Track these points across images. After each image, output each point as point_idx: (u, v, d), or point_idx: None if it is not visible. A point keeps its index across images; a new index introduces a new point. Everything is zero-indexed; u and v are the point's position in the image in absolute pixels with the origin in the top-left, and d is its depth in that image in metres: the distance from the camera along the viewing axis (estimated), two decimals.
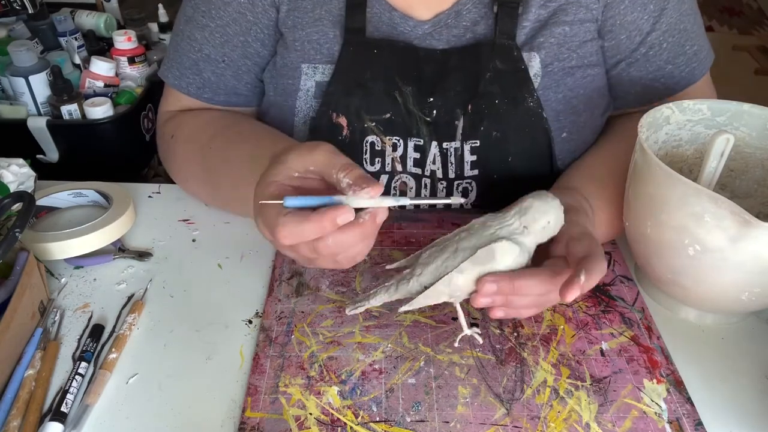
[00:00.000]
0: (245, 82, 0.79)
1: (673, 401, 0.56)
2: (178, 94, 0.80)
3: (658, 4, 0.73)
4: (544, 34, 0.72)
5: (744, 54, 2.74)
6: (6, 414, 0.53)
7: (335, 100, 0.73)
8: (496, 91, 0.71)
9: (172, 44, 0.79)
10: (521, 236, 0.56)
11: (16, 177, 0.72)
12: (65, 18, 1.37)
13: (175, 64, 0.78)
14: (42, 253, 0.66)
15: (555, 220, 0.56)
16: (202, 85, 0.78)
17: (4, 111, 1.19)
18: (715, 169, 0.63)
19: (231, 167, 0.69)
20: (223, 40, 0.75)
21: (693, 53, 0.77)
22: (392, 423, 0.53)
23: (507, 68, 0.71)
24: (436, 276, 0.56)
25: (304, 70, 0.74)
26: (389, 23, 0.73)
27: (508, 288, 0.54)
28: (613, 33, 0.74)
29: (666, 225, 0.58)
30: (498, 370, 0.58)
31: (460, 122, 0.72)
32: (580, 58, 0.73)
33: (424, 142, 0.73)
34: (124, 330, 0.61)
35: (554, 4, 0.72)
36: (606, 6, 0.73)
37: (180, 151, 0.77)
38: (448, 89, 0.72)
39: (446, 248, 0.57)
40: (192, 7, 0.76)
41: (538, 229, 0.56)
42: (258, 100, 0.81)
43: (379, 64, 0.72)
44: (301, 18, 0.73)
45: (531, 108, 0.72)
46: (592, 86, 0.75)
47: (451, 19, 0.73)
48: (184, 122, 0.78)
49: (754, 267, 0.55)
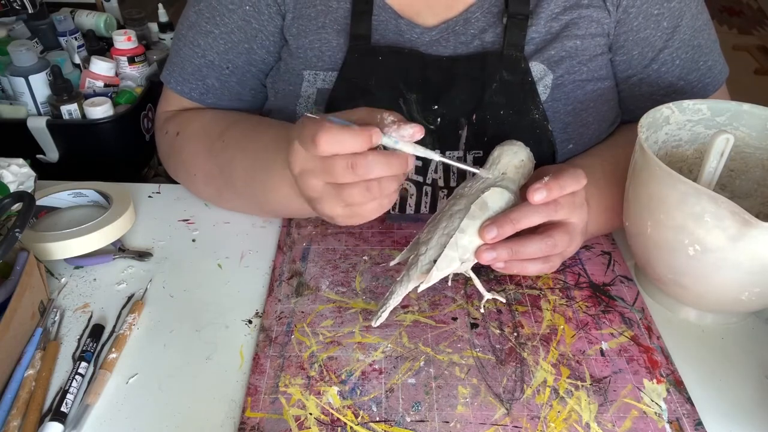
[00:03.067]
0: (249, 88, 0.79)
1: (673, 401, 0.56)
2: (179, 97, 0.79)
3: (672, 21, 0.73)
4: (556, 47, 0.71)
5: (744, 54, 2.74)
6: (6, 414, 0.53)
7: (338, 106, 0.71)
8: (501, 101, 0.71)
9: (174, 48, 0.78)
10: (503, 182, 0.60)
11: (16, 177, 0.72)
12: (65, 18, 1.37)
13: (178, 68, 0.78)
14: (42, 253, 0.66)
15: (527, 156, 0.61)
16: (206, 91, 0.78)
17: (4, 111, 1.19)
18: (715, 169, 0.63)
19: (247, 156, 0.69)
20: (228, 47, 0.75)
21: (707, 68, 0.76)
22: (392, 423, 0.53)
23: (514, 80, 0.71)
24: (441, 246, 0.58)
25: (306, 76, 0.74)
26: (395, 30, 0.73)
27: (507, 224, 0.56)
28: (625, 48, 0.74)
29: (666, 225, 0.58)
30: (498, 370, 0.58)
31: (464, 131, 0.72)
32: (590, 71, 0.73)
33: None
34: (124, 330, 0.61)
35: (566, 18, 0.71)
36: (618, 22, 0.72)
37: (188, 148, 0.76)
38: (453, 97, 0.72)
39: (441, 219, 0.60)
40: (196, 13, 0.75)
41: (514, 170, 0.60)
42: (261, 104, 0.81)
43: (383, 71, 0.72)
44: (305, 26, 0.73)
45: (536, 120, 0.71)
46: (602, 99, 0.75)
47: (460, 26, 0.72)
48: (190, 119, 0.78)
49: (754, 267, 0.55)
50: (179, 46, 0.77)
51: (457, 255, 0.57)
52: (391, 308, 0.59)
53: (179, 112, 0.80)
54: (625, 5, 0.72)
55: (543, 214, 0.58)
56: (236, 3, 0.73)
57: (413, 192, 0.75)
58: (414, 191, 0.75)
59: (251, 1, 0.73)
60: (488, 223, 0.57)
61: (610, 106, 0.77)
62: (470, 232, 0.57)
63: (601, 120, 0.76)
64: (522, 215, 0.57)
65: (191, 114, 0.79)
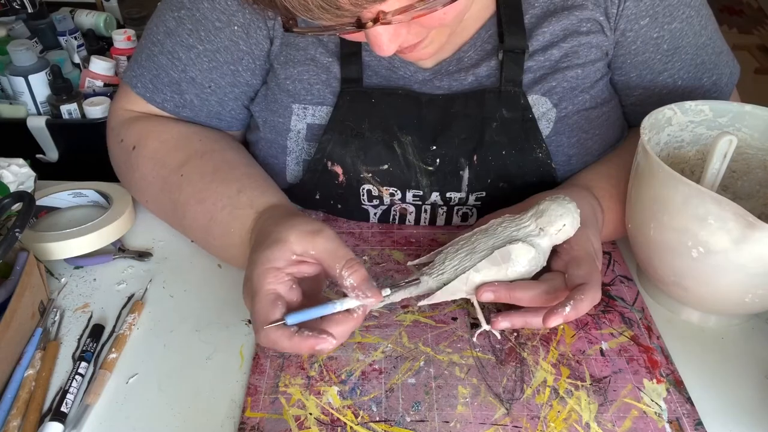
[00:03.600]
0: (230, 109, 0.74)
1: (672, 401, 0.56)
2: (146, 102, 0.74)
3: (672, 42, 0.70)
4: (557, 78, 0.69)
5: (744, 53, 2.74)
6: (6, 414, 0.53)
7: (330, 149, 0.70)
8: (503, 141, 0.69)
9: (145, 52, 0.72)
10: (537, 238, 0.58)
11: (16, 177, 0.72)
12: (65, 17, 1.37)
13: (149, 75, 0.72)
14: (42, 253, 0.66)
15: (571, 223, 0.58)
16: (182, 105, 0.73)
17: (4, 111, 1.19)
18: (718, 170, 0.63)
19: (205, 209, 0.65)
20: (212, 66, 0.71)
21: (711, 84, 0.74)
22: (392, 423, 0.53)
23: (514, 117, 0.69)
24: (455, 274, 0.58)
25: (295, 110, 0.71)
26: (389, 67, 0.70)
27: (504, 297, 0.58)
28: (623, 70, 0.72)
29: (669, 227, 0.58)
30: (498, 370, 0.58)
31: (465, 173, 0.70)
32: (593, 98, 0.71)
33: (424, 194, 0.71)
34: (124, 330, 0.61)
35: (566, 46, 0.68)
36: (617, 43, 0.70)
37: (141, 170, 0.71)
38: (452, 137, 0.69)
39: (464, 248, 0.60)
40: (175, 20, 0.70)
41: (553, 232, 0.58)
42: (240, 125, 0.77)
43: (377, 114, 0.69)
44: (294, 55, 0.70)
45: (539, 159, 0.70)
46: (607, 124, 0.73)
47: (453, 65, 0.70)
48: (150, 133, 0.72)
49: (758, 269, 0.55)
50: (153, 51, 0.71)
51: (465, 289, 0.59)
52: (388, 302, 0.59)
53: (139, 116, 0.75)
54: (623, 28, 0.69)
55: (540, 304, 0.58)
56: (224, 21, 0.69)
57: (412, 210, 0.74)
58: (413, 209, 0.74)
59: (240, 22, 0.69)
60: (491, 288, 0.57)
61: (615, 127, 0.75)
62: (483, 273, 0.58)
63: (606, 144, 0.74)
64: (526, 302, 0.58)
65: (152, 125, 0.73)
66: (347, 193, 0.72)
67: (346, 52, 0.69)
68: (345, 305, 0.53)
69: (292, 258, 0.53)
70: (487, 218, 0.65)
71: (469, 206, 0.73)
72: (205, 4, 0.69)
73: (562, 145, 0.71)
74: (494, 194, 0.71)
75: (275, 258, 0.52)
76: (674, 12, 0.69)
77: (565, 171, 0.72)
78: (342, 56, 0.69)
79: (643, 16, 0.68)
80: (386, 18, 0.49)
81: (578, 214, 0.58)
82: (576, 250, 0.59)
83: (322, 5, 0.47)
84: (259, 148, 0.76)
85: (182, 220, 0.68)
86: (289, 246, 0.53)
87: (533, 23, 0.69)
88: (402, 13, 0.49)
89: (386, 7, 0.49)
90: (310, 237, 0.53)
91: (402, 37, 0.54)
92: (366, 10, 0.49)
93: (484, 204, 0.72)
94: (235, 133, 0.78)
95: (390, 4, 0.49)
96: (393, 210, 0.74)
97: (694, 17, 0.70)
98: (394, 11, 0.49)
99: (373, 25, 0.50)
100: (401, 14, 0.49)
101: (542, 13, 0.69)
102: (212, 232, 0.65)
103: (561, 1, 0.68)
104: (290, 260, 0.53)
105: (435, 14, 0.52)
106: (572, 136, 0.71)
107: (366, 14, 0.49)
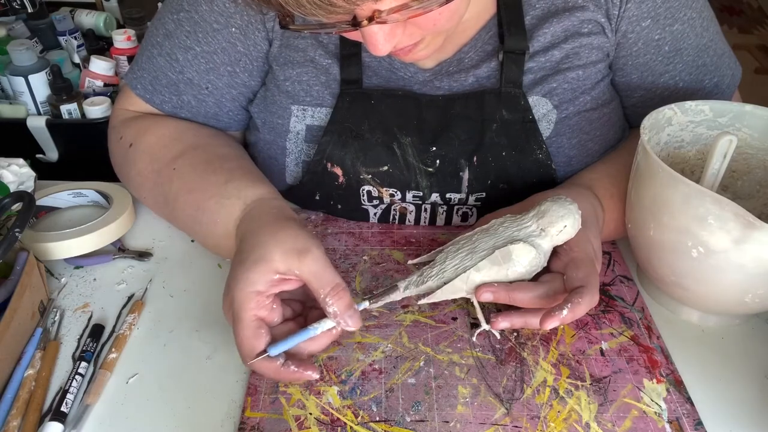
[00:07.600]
0: (227, 110, 0.75)
1: (672, 401, 0.56)
2: (145, 102, 0.75)
3: (674, 44, 0.70)
4: (557, 79, 0.69)
5: (744, 53, 2.74)
6: (6, 414, 0.53)
7: (330, 150, 0.70)
8: (503, 142, 0.69)
9: (146, 54, 0.73)
10: (538, 239, 0.58)
11: (16, 177, 0.72)
12: (65, 17, 1.37)
13: (149, 76, 0.73)
14: (42, 253, 0.66)
15: (572, 224, 0.58)
16: (180, 106, 0.74)
17: (4, 111, 1.19)
18: (718, 170, 0.63)
19: (194, 198, 0.65)
20: (209, 67, 0.71)
21: (713, 85, 0.74)
22: (392, 423, 0.53)
23: (514, 118, 0.69)
24: (455, 273, 0.58)
25: (294, 111, 0.71)
26: (389, 68, 0.70)
27: (503, 298, 0.58)
28: (624, 72, 0.72)
29: (669, 227, 0.58)
30: (498, 369, 0.58)
31: (465, 174, 0.70)
32: (594, 100, 0.71)
33: (423, 195, 0.71)
34: (124, 330, 0.61)
35: (567, 47, 0.68)
36: (618, 45, 0.70)
37: (138, 165, 0.72)
38: (452, 138, 0.69)
39: (465, 247, 0.60)
40: (174, 22, 0.70)
41: (554, 233, 0.58)
42: (238, 126, 0.77)
43: (376, 115, 0.69)
44: (292, 56, 0.70)
45: (540, 160, 0.69)
46: (608, 125, 0.73)
47: (453, 66, 0.70)
48: (147, 130, 0.73)
49: (758, 269, 0.55)
50: (152, 53, 0.72)
51: (465, 288, 0.59)
52: (387, 301, 0.59)
53: (139, 116, 0.75)
54: (624, 30, 0.69)
55: (538, 306, 0.58)
56: (221, 23, 0.69)
57: (412, 209, 0.74)
58: (413, 209, 0.74)
59: (238, 24, 0.69)
60: (490, 289, 0.57)
61: (616, 128, 0.75)
62: (484, 273, 0.58)
63: (607, 145, 0.74)
64: (525, 303, 0.58)
65: (150, 122, 0.73)
66: (347, 193, 0.72)
67: (346, 53, 0.69)
68: (323, 327, 0.53)
69: (274, 278, 0.53)
70: (488, 218, 0.65)
71: (469, 206, 0.73)
72: (203, 7, 0.69)
73: (563, 147, 0.71)
74: (494, 195, 0.71)
75: (256, 281, 0.52)
76: (676, 14, 0.69)
77: (565, 172, 0.72)
78: (342, 57, 0.69)
79: (645, 18, 0.68)
80: (381, 17, 0.49)
81: (579, 216, 0.58)
82: (575, 251, 0.59)
83: (314, 0, 0.47)
84: (258, 149, 0.76)
85: (173, 211, 0.69)
86: (273, 266, 0.53)
87: (534, 24, 0.69)
88: (397, 11, 0.49)
89: (381, 6, 0.49)
90: (296, 257, 0.53)
91: (397, 37, 0.54)
92: (359, 7, 0.49)
93: (483, 204, 0.72)
94: (234, 134, 0.79)
95: (385, 2, 0.49)
96: (393, 209, 0.74)
97: (696, 19, 0.70)
98: (389, 10, 0.49)
99: (369, 23, 0.50)
100: (397, 13, 0.50)
101: (543, 14, 0.69)
102: (199, 221, 0.65)
103: (562, 2, 0.68)
104: (272, 281, 0.53)
105: (430, 15, 0.52)
106: (573, 138, 0.71)
107: (361, 12, 0.49)
